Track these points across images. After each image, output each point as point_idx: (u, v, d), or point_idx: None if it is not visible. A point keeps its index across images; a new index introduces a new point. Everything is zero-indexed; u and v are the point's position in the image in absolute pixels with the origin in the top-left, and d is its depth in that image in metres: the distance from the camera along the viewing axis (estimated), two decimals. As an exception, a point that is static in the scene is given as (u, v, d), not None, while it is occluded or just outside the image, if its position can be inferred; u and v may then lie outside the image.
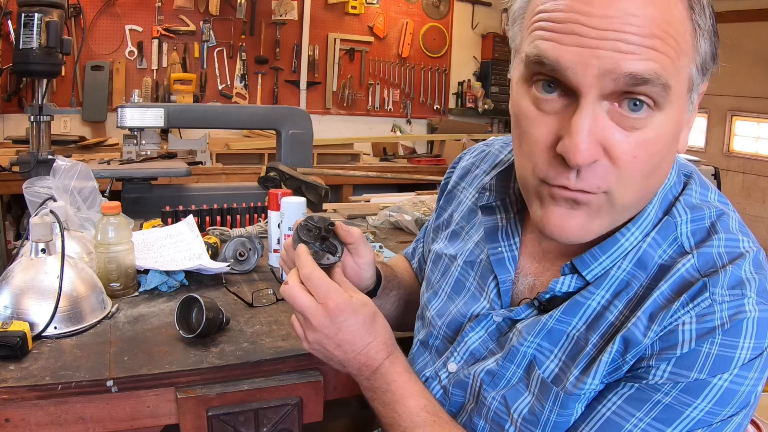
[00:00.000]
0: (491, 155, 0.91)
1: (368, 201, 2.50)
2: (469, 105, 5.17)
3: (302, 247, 0.78)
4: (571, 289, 0.69)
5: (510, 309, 0.75)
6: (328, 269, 0.80)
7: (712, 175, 2.28)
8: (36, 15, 1.97)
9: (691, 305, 0.60)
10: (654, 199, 0.67)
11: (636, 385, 0.62)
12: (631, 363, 0.63)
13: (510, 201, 0.80)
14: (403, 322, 1.01)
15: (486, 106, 5.16)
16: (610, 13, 0.55)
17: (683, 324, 0.60)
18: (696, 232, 0.65)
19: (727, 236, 0.64)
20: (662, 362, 0.60)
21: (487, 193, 0.80)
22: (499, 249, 0.78)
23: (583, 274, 0.67)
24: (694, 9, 0.58)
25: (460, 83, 5.21)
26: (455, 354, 0.78)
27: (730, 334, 0.59)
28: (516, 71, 0.65)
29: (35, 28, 1.98)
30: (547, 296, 0.70)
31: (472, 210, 0.88)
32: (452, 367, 0.78)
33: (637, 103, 0.57)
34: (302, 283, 0.76)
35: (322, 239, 0.81)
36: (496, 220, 0.79)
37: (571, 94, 0.59)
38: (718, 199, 0.70)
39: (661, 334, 0.61)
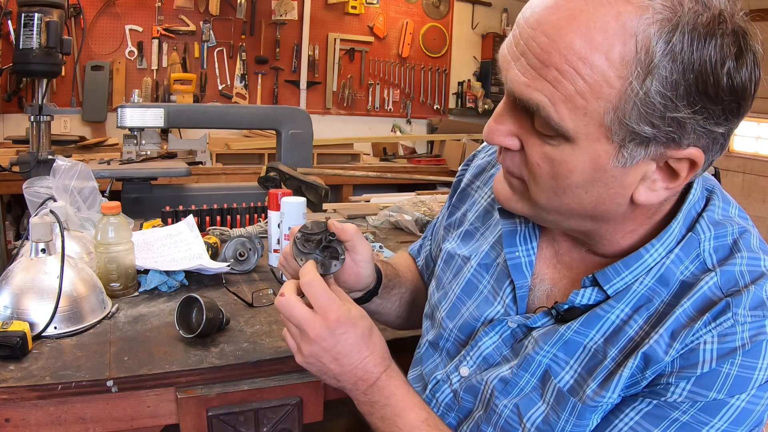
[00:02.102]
0: None
1: (368, 201, 2.50)
2: (469, 105, 5.17)
3: (310, 262, 0.76)
4: (591, 302, 0.68)
5: (526, 316, 0.74)
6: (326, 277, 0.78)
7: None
8: (36, 15, 1.97)
9: (713, 324, 0.60)
10: (679, 215, 0.67)
11: (654, 401, 0.62)
12: (650, 379, 0.63)
13: None
14: (407, 322, 1.00)
15: (486, 106, 5.15)
16: (532, 23, 0.58)
17: (705, 343, 0.60)
18: (718, 249, 0.66)
19: (750, 255, 0.65)
20: (682, 380, 0.61)
21: None
22: (517, 254, 0.77)
23: (605, 288, 0.67)
24: (653, 64, 0.54)
25: (460, 83, 5.21)
26: (468, 358, 0.78)
27: (749, 355, 0.59)
28: None
29: (35, 28, 1.98)
30: (566, 307, 0.70)
31: (488, 211, 0.87)
32: (464, 371, 0.78)
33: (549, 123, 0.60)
34: (299, 294, 0.74)
35: (323, 248, 0.80)
36: (515, 224, 0.78)
37: None
38: (739, 214, 0.70)
39: (682, 352, 0.61)
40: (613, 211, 0.64)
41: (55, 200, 1.26)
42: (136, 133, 2.32)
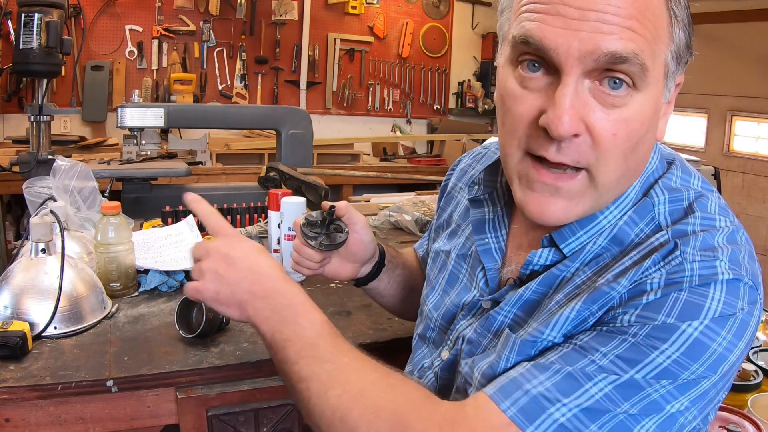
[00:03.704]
0: (487, 157, 0.93)
1: (368, 201, 2.50)
2: (469, 105, 5.17)
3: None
4: (548, 262, 0.70)
5: (495, 292, 0.76)
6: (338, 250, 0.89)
7: (712, 175, 2.27)
8: (36, 15, 1.97)
9: (662, 263, 0.60)
10: (636, 182, 0.68)
11: (604, 328, 0.61)
12: (599, 315, 0.62)
13: (497, 194, 0.81)
14: (411, 308, 1.01)
15: (486, 106, 5.16)
16: None
17: (652, 279, 0.59)
18: (674, 212, 0.66)
19: (704, 215, 0.64)
20: (630, 308, 0.59)
21: (476, 187, 0.82)
22: (486, 240, 0.79)
23: (561, 246, 0.68)
24: None
25: (460, 83, 5.21)
26: (448, 342, 0.80)
27: (699, 287, 0.58)
28: (502, 56, 0.68)
29: (35, 28, 1.98)
30: (528, 272, 0.71)
31: (467, 208, 0.89)
32: (445, 354, 0.80)
33: (617, 81, 0.60)
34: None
35: (327, 225, 0.88)
36: (484, 213, 0.81)
37: (554, 72, 0.61)
38: (702, 185, 0.70)
39: (630, 288, 0.60)
40: (646, 158, 0.68)
41: (55, 200, 1.26)
42: (136, 133, 2.32)
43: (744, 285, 0.59)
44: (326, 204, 0.88)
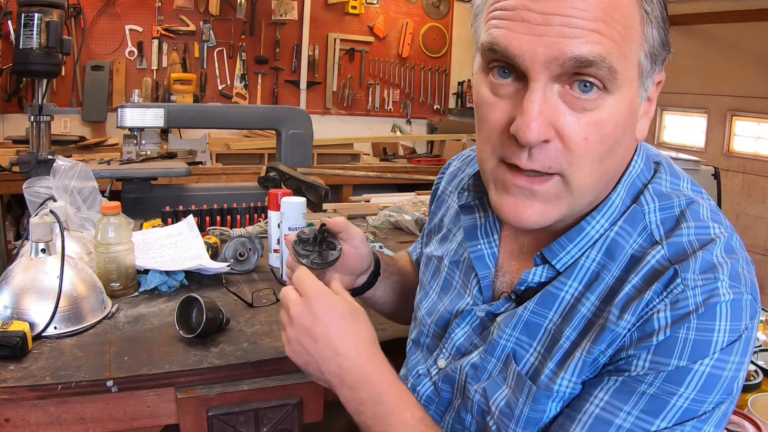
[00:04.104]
0: (475, 160, 0.92)
1: (368, 201, 2.50)
2: (469, 105, 5.16)
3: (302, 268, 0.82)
4: (543, 280, 0.69)
5: (490, 303, 0.76)
6: (328, 272, 0.86)
7: (712, 175, 2.27)
8: (36, 15, 1.97)
9: (664, 293, 0.60)
10: (619, 186, 0.67)
11: (620, 378, 0.61)
12: (610, 354, 0.62)
13: (487, 200, 0.81)
14: (406, 312, 1.02)
15: (486, 106, 5.15)
16: None
17: (658, 312, 0.59)
18: (665, 221, 0.65)
19: (697, 224, 0.64)
20: (642, 351, 0.60)
21: (466, 193, 0.82)
22: (479, 247, 0.79)
23: (553, 263, 0.68)
24: None
25: (460, 83, 5.21)
26: (444, 350, 0.80)
27: (704, 318, 0.58)
28: (476, 62, 0.67)
29: (35, 28, 1.98)
30: (522, 288, 0.71)
31: (457, 212, 0.89)
32: (442, 363, 0.79)
33: (587, 84, 0.59)
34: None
35: (319, 243, 0.86)
36: (475, 219, 0.80)
37: (523, 78, 0.61)
38: (692, 188, 0.69)
39: (638, 324, 0.60)
40: (626, 160, 0.67)
41: (55, 200, 1.26)
42: (136, 133, 2.32)
43: (745, 302, 0.59)
44: (318, 221, 0.88)
